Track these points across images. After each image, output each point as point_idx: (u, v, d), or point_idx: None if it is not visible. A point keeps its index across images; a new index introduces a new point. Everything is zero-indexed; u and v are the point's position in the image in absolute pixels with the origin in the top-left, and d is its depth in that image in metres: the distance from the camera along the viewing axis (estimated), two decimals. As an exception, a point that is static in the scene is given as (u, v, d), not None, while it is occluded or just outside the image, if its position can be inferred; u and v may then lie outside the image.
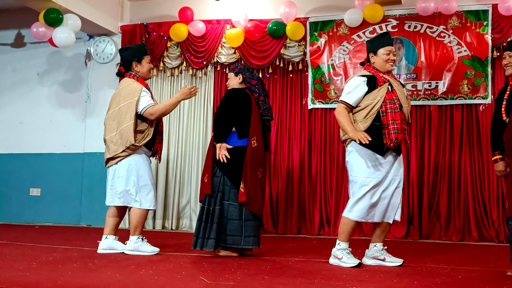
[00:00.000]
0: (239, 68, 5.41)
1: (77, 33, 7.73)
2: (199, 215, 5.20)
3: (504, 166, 4.46)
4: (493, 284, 3.82)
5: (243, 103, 5.19)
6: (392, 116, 4.55)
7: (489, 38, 6.95)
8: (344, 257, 4.62)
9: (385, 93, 4.60)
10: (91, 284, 3.59)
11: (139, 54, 5.41)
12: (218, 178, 5.15)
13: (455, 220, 7.02)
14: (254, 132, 5.14)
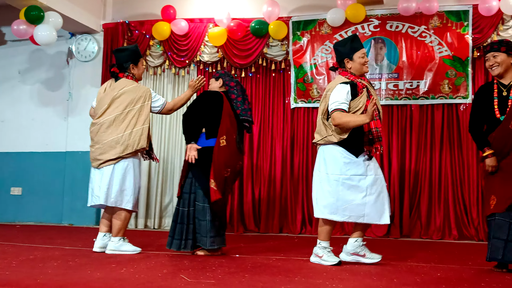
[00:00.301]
0: (219, 74, 5.51)
1: (59, 31, 7.70)
2: (174, 216, 5.23)
3: (496, 161, 4.50)
4: (471, 282, 3.86)
5: (212, 104, 5.19)
6: (374, 124, 4.60)
7: (469, 38, 7.02)
8: (325, 255, 4.64)
9: (366, 101, 4.64)
10: (71, 282, 3.58)
11: (136, 56, 5.45)
12: (190, 179, 5.18)
13: (436, 218, 7.08)
14: (223, 132, 5.13)
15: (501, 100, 4.46)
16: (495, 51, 4.53)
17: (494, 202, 4.38)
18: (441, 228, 7.02)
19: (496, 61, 4.52)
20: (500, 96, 4.48)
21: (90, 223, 8.23)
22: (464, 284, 3.76)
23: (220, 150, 5.10)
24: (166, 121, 8.16)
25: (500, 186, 4.39)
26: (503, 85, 4.53)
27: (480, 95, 4.63)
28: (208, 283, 3.64)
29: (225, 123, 5.16)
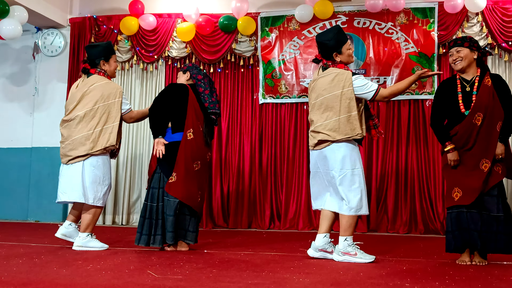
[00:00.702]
0: (187, 67, 5.46)
1: (24, 25, 7.59)
2: (142, 211, 5.20)
3: (458, 155, 4.58)
4: (435, 274, 3.92)
5: (177, 97, 5.16)
6: (372, 112, 4.82)
7: (435, 35, 7.12)
8: (358, 252, 4.58)
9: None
10: (36, 279, 3.54)
11: (107, 53, 5.41)
12: (159, 174, 5.16)
13: (402, 213, 7.17)
14: (189, 125, 5.11)
15: (465, 95, 4.55)
16: (458, 46, 4.60)
17: (459, 195, 4.46)
18: (408, 223, 7.11)
19: (460, 56, 4.58)
20: (463, 91, 4.56)
21: (57, 220, 8.14)
22: (429, 276, 3.82)
23: (187, 144, 5.08)
24: (134, 117, 8.09)
25: (464, 178, 4.48)
26: (465, 80, 4.60)
27: (443, 90, 4.70)
28: (175, 278, 3.63)
29: (191, 116, 5.14)
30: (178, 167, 5.05)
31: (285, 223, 7.45)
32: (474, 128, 4.45)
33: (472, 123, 4.46)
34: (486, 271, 4.11)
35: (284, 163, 7.58)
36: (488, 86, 4.48)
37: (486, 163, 4.41)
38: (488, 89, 4.47)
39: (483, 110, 4.43)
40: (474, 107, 4.46)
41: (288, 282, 3.54)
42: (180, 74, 5.46)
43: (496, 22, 6.98)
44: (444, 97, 4.66)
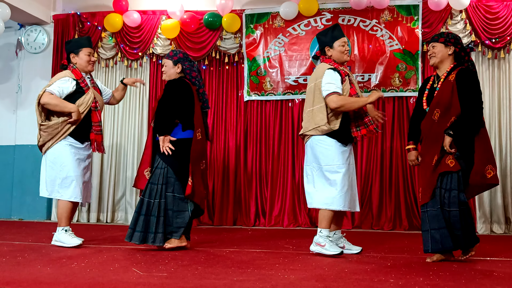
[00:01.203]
0: (178, 57, 5.17)
1: (7, 22, 7.51)
2: (138, 207, 5.00)
3: (415, 156, 4.70)
4: (420, 270, 3.95)
5: (187, 95, 5.05)
6: (361, 111, 4.83)
7: (419, 33, 7.15)
8: (327, 244, 4.68)
9: (349, 88, 4.80)
10: (19, 278, 3.52)
11: (77, 47, 5.45)
12: (161, 169, 4.98)
13: (387, 209, 7.20)
14: (198, 124, 5.09)
15: (430, 92, 4.61)
16: (434, 41, 4.63)
17: (421, 194, 4.52)
18: (392, 219, 7.15)
19: (433, 51, 4.61)
20: (431, 88, 4.62)
21: (41, 218, 8.09)
22: (413, 272, 3.85)
23: (197, 144, 5.04)
24: (119, 114, 8.06)
25: (422, 177, 4.58)
26: (438, 76, 4.64)
27: (421, 87, 4.81)
28: (160, 276, 3.63)
29: (198, 115, 5.11)
30: (194, 169, 5.01)
31: (270, 220, 7.45)
32: (433, 124, 4.47)
33: (431, 119, 4.48)
34: (470, 266, 4.15)
35: (269, 160, 7.59)
36: (451, 81, 4.44)
37: (436, 157, 4.41)
38: (450, 85, 4.43)
39: (441, 106, 4.43)
40: (432, 104, 4.50)
41: (273, 279, 3.56)
42: (169, 63, 5.16)
43: (480, 19, 7.02)
44: (419, 95, 4.76)
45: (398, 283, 3.44)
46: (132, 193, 7.89)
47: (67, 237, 5.16)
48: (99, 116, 5.44)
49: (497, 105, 7.08)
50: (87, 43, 5.52)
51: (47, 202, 8.10)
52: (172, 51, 5.23)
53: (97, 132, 5.42)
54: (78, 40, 5.61)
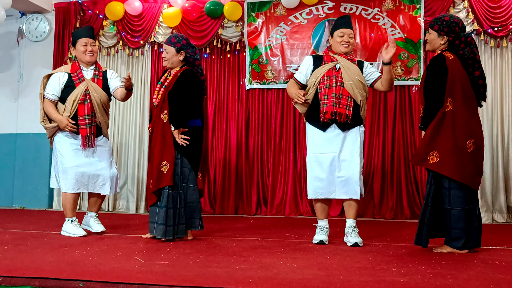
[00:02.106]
0: (181, 44, 4.97)
1: (8, 10, 7.51)
2: (163, 201, 4.78)
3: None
4: (422, 259, 3.95)
5: (199, 86, 4.97)
6: (325, 92, 4.72)
7: (421, 21, 7.12)
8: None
9: (326, 71, 4.76)
10: (21, 266, 3.53)
11: (74, 38, 5.46)
12: (178, 160, 4.85)
13: (388, 198, 7.21)
14: (205, 114, 5.12)
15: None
16: (430, 27, 4.59)
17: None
18: (394, 208, 7.15)
19: (427, 39, 4.62)
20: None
21: (42, 206, 8.11)
22: (415, 261, 3.85)
23: (205, 134, 5.12)
24: (120, 102, 8.05)
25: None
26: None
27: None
28: (162, 264, 3.63)
29: (205, 105, 5.15)
30: (204, 161, 5.07)
31: (272, 209, 7.46)
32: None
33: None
34: (472, 255, 4.15)
35: (271, 148, 7.58)
36: (423, 71, 4.51)
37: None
38: (422, 75, 4.53)
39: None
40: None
41: (275, 267, 3.56)
42: (171, 50, 4.97)
43: (482, 8, 6.99)
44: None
45: (401, 271, 3.44)
46: (134, 182, 7.90)
47: (72, 228, 5.19)
48: (87, 109, 5.25)
49: (500, 94, 7.06)
50: (84, 33, 5.46)
51: (48, 191, 8.12)
52: (174, 36, 5.02)
53: (82, 126, 5.23)
54: (76, 32, 5.56)
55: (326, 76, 4.75)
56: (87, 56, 5.39)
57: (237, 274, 3.30)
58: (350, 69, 4.80)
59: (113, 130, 8.04)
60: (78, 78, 5.32)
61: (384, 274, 3.37)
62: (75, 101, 5.23)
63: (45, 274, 3.27)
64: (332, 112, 4.67)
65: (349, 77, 4.76)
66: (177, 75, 4.93)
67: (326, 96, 4.70)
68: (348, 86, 4.73)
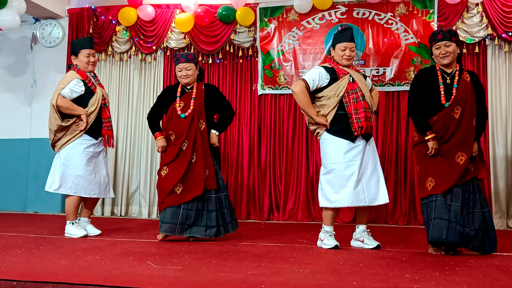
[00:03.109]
0: (196, 59, 5.44)
1: (23, 16, 7.55)
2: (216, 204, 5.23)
3: (437, 144, 4.63)
4: (435, 265, 3.92)
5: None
6: (354, 106, 4.76)
7: (435, 26, 7.08)
8: (326, 238, 4.83)
9: (347, 84, 4.80)
10: (35, 270, 3.54)
11: (76, 48, 5.63)
12: (215, 165, 5.33)
13: (401, 204, 7.17)
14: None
15: (446, 87, 4.61)
16: (447, 40, 4.63)
17: (432, 184, 4.53)
18: (407, 214, 7.11)
19: (448, 51, 4.63)
20: (444, 83, 4.62)
21: (55, 211, 8.13)
22: (429, 267, 3.82)
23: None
24: (133, 108, 8.08)
25: (438, 169, 4.55)
26: (446, 73, 4.67)
27: (423, 79, 4.74)
28: (174, 269, 3.63)
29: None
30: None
31: (284, 214, 7.44)
32: (452, 120, 4.55)
33: (450, 115, 4.55)
34: (486, 262, 4.12)
35: (283, 154, 7.57)
36: (467, 81, 4.61)
37: (462, 156, 4.52)
38: (467, 85, 4.60)
39: (462, 104, 4.54)
40: (454, 100, 4.55)
41: (288, 272, 3.54)
42: (193, 67, 5.32)
43: (496, 12, 6.95)
44: (424, 87, 4.71)
45: (414, 278, 3.41)
46: (146, 187, 7.92)
47: (74, 229, 5.44)
48: (108, 112, 5.69)
49: (514, 99, 7.02)
50: (86, 44, 5.65)
51: (61, 196, 8.12)
52: (188, 54, 5.34)
53: (107, 127, 5.66)
54: (78, 41, 5.73)
55: (350, 90, 4.79)
56: (90, 66, 5.62)
57: (249, 280, 3.28)
58: (362, 82, 4.92)
59: (126, 135, 8.06)
60: (93, 84, 5.58)
61: (397, 280, 3.34)
62: (98, 105, 5.52)
63: (58, 279, 3.27)
64: (367, 126, 4.78)
65: (365, 89, 4.90)
66: (202, 87, 5.35)
67: (356, 110, 4.76)
68: (367, 99, 4.85)
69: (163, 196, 5.17)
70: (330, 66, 4.92)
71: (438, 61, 4.69)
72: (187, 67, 5.29)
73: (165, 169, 5.23)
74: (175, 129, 5.24)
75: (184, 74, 5.28)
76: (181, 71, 5.29)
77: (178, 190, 5.12)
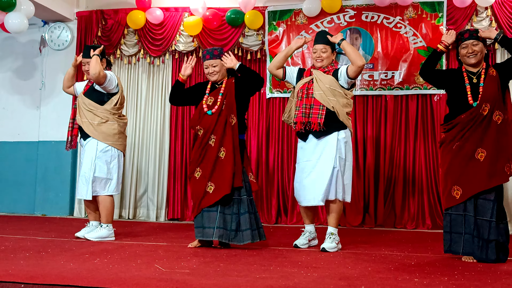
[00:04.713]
0: (223, 53, 5.26)
1: (31, 19, 7.55)
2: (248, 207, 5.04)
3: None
4: (444, 269, 3.90)
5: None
6: (297, 103, 5.09)
7: (444, 30, 7.06)
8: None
9: (301, 85, 5.11)
10: (43, 273, 3.54)
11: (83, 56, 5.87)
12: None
13: (410, 208, 7.14)
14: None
15: (472, 87, 4.56)
16: (474, 39, 4.59)
17: (460, 193, 4.44)
18: (415, 218, 7.08)
19: (475, 50, 4.59)
20: (471, 83, 4.58)
21: (64, 214, 8.14)
22: (437, 272, 3.80)
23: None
24: (141, 111, 8.09)
25: (462, 175, 4.46)
26: (471, 72, 4.63)
27: (449, 74, 4.80)
28: (182, 272, 3.63)
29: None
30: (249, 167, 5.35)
31: (292, 218, 7.42)
32: (479, 117, 4.47)
33: (479, 113, 4.47)
34: (495, 267, 4.09)
35: (291, 157, 7.55)
36: (494, 76, 4.54)
37: (482, 152, 4.42)
38: (494, 79, 4.54)
39: (490, 100, 4.47)
40: (482, 98, 4.48)
41: (296, 276, 3.53)
42: (219, 62, 5.18)
43: (506, 16, 6.92)
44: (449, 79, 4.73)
45: (423, 282, 3.40)
46: (154, 190, 7.92)
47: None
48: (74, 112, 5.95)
49: (523, 104, 6.97)
50: (84, 54, 5.85)
51: (69, 198, 8.17)
52: (214, 49, 5.22)
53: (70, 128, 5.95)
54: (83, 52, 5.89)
55: (300, 90, 5.10)
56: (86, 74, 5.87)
57: (257, 283, 3.28)
58: (322, 80, 5.04)
59: (134, 138, 8.07)
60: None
61: (406, 284, 3.32)
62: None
63: (66, 282, 3.27)
64: (301, 122, 4.98)
65: (319, 87, 5.01)
66: (232, 81, 5.17)
67: (297, 107, 5.08)
68: (317, 96, 4.98)
69: (197, 199, 5.00)
70: (304, 68, 5.36)
71: (465, 61, 4.64)
72: (213, 64, 5.13)
73: (198, 171, 5.03)
74: (203, 124, 5.07)
75: (210, 71, 5.14)
76: (208, 68, 5.15)
77: (210, 189, 4.95)
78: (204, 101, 5.12)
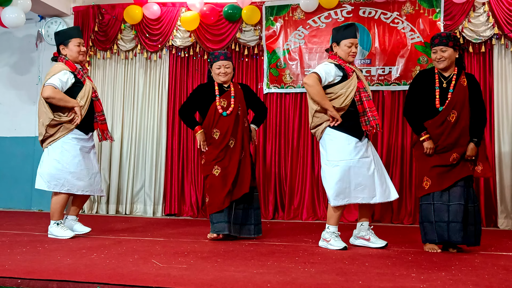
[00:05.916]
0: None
1: (28, 14, 7.54)
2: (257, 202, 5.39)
3: (433, 143, 4.69)
4: (441, 265, 3.91)
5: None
6: (367, 104, 4.75)
7: (441, 25, 7.06)
8: (332, 239, 4.74)
9: (357, 82, 4.77)
10: (40, 268, 3.54)
11: (66, 38, 5.40)
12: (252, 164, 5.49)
13: (407, 203, 7.15)
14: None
15: (441, 91, 4.68)
16: (443, 45, 4.69)
17: (429, 183, 4.65)
18: (412, 213, 7.08)
19: (444, 56, 4.68)
20: (440, 87, 4.70)
21: (60, 209, 8.12)
22: (435, 267, 3.80)
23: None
24: (138, 106, 8.07)
25: (434, 169, 4.66)
26: (443, 76, 4.74)
27: (420, 82, 4.83)
28: (180, 267, 3.62)
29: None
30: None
31: (289, 213, 7.43)
32: (448, 125, 4.63)
33: (446, 120, 4.63)
34: (492, 262, 4.10)
35: (288, 153, 7.55)
36: (464, 86, 4.67)
37: (456, 156, 4.62)
38: (464, 89, 4.66)
39: (458, 108, 4.61)
40: (448, 104, 4.63)
41: (294, 272, 3.53)
42: (231, 64, 5.34)
43: (503, 12, 6.91)
44: (421, 89, 4.79)
45: (420, 277, 3.40)
46: (151, 185, 7.91)
47: (61, 230, 5.18)
48: (100, 105, 5.51)
49: (520, 99, 6.99)
50: (76, 33, 5.48)
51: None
52: (228, 52, 5.40)
53: (101, 121, 5.50)
54: (66, 30, 5.56)
55: (360, 88, 4.77)
56: (80, 56, 5.43)
57: (255, 279, 3.28)
58: (364, 79, 4.93)
59: (131, 133, 8.06)
60: (82, 76, 5.36)
61: (403, 280, 3.33)
62: (88, 98, 5.29)
63: (63, 277, 3.27)
64: (376, 124, 4.76)
65: (368, 88, 4.92)
66: (239, 86, 5.41)
67: (370, 108, 4.74)
68: (372, 97, 4.89)
69: (219, 196, 5.10)
70: (338, 63, 4.82)
71: (435, 65, 4.77)
72: (226, 65, 5.27)
73: (217, 168, 5.15)
74: (220, 128, 5.16)
75: (223, 72, 5.25)
76: (220, 68, 5.24)
77: (232, 188, 5.20)
78: (217, 103, 5.20)
